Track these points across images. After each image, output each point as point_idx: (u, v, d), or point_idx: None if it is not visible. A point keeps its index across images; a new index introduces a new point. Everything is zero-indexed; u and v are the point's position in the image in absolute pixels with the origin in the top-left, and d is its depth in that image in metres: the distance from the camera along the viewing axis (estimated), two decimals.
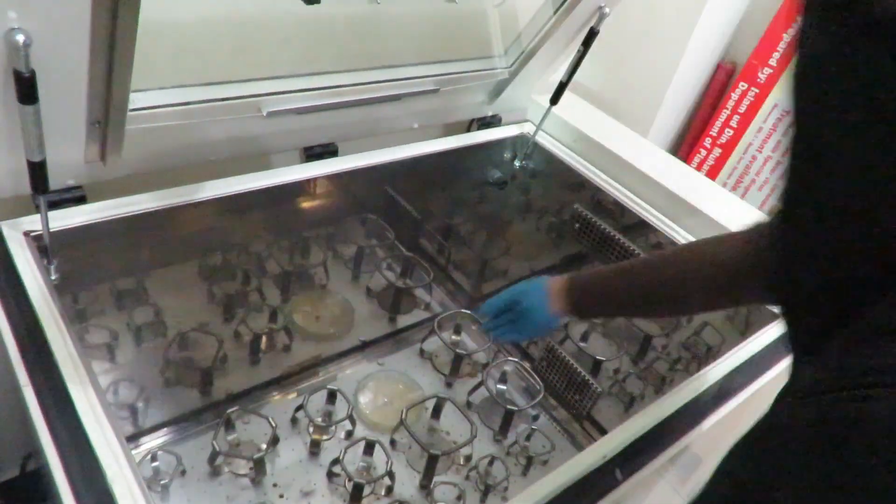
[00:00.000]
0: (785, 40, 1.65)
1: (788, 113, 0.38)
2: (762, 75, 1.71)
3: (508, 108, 1.35)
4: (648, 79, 1.69)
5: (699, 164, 1.86)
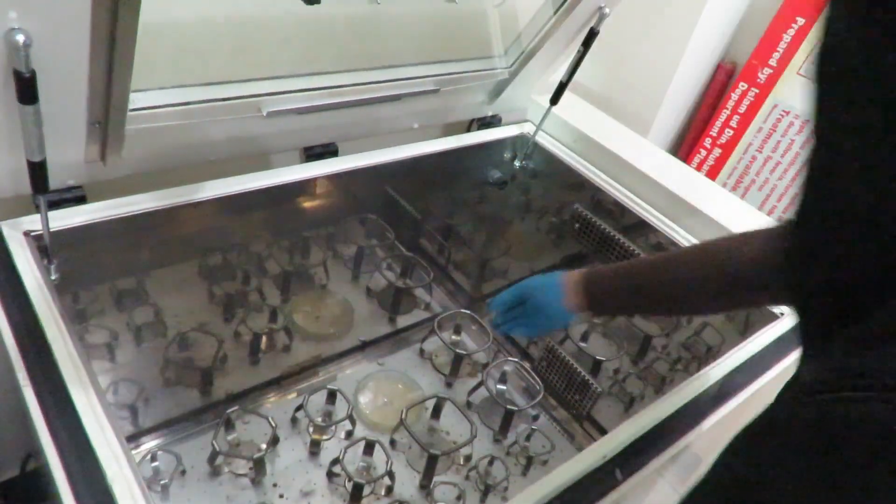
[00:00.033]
0: (785, 40, 1.65)
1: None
2: (762, 75, 1.71)
3: (508, 108, 1.35)
4: (648, 79, 1.69)
5: (699, 164, 1.86)
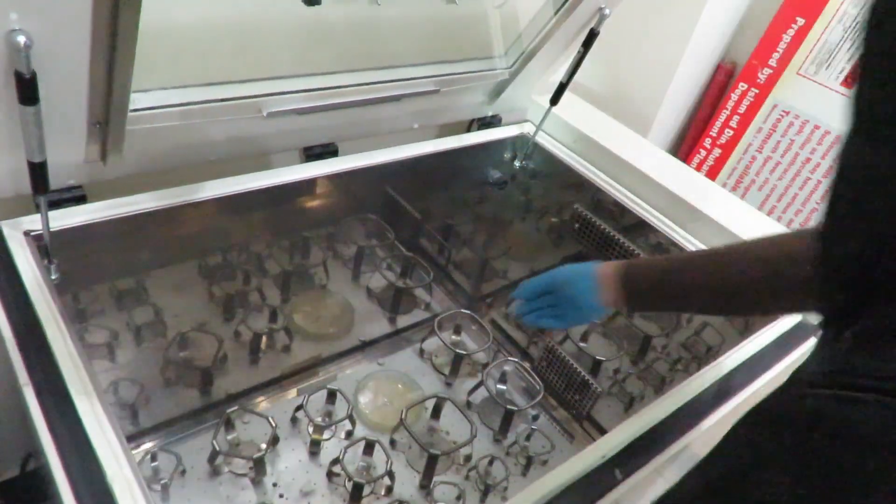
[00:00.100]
0: (785, 40, 1.65)
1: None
2: (762, 75, 1.71)
3: (508, 109, 1.35)
4: (648, 79, 1.69)
5: (699, 165, 1.86)
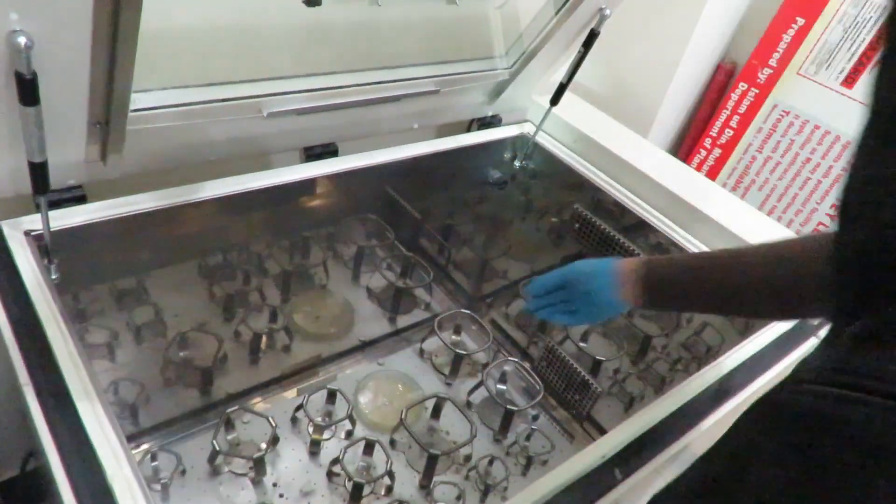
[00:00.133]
0: (785, 40, 1.65)
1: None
2: (762, 75, 1.71)
3: (509, 109, 1.35)
4: (648, 79, 1.69)
5: (699, 165, 1.86)
